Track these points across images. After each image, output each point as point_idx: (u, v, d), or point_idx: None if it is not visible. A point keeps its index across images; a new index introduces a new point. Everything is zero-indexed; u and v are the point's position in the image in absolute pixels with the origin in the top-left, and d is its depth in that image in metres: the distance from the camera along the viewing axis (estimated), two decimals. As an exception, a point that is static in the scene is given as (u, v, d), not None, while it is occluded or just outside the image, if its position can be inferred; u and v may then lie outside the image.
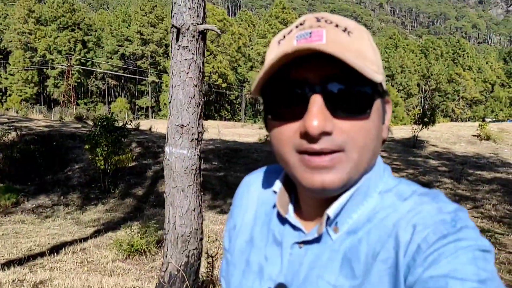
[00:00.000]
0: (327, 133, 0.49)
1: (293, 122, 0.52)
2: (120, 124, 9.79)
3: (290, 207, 0.62)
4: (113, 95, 61.87)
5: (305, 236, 0.59)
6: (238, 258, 0.68)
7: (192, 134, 2.82)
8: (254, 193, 0.71)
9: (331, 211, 0.55)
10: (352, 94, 0.50)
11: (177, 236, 2.87)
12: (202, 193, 3.00)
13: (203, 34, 2.76)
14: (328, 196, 0.55)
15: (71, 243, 6.01)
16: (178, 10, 2.71)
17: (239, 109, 60.31)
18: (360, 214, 0.56)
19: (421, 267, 0.46)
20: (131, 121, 10.55)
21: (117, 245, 5.56)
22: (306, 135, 0.50)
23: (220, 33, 2.78)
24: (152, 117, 53.55)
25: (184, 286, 2.83)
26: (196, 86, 2.77)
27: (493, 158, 13.92)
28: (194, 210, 2.88)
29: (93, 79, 58.45)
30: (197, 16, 2.72)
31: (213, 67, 46.95)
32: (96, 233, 6.82)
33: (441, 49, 67.00)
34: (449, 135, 18.68)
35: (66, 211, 8.60)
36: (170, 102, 2.80)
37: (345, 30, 0.52)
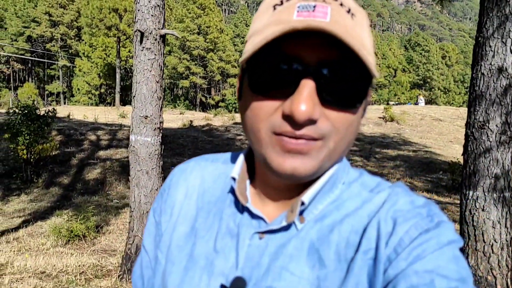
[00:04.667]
0: (312, 121, 0.46)
1: (276, 100, 0.47)
2: (43, 112, 9.47)
3: (249, 195, 0.57)
4: (18, 80, 56.08)
5: (267, 226, 0.54)
6: (177, 254, 0.60)
7: (155, 124, 3.23)
8: (195, 181, 0.65)
9: (306, 197, 0.52)
10: (347, 85, 0.47)
11: (143, 213, 3.29)
12: (162, 174, 3.45)
13: (163, 37, 3.15)
14: (296, 183, 0.53)
15: (1, 233, 5.91)
16: (142, 16, 3.08)
17: (160, 94, 58.64)
18: (326, 204, 0.54)
19: (404, 261, 0.45)
20: (54, 109, 10.15)
21: (56, 232, 5.62)
22: (288, 118, 0.46)
23: (179, 37, 3.21)
24: (65, 103, 49.76)
25: (152, 254, 3.27)
26: (157, 82, 3.17)
27: (396, 138, 15.58)
28: (157, 190, 3.33)
29: (-4, 63, 52.29)
30: (159, 22, 3.10)
31: (129, 51, 44.94)
32: (25, 223, 6.70)
33: (350, 37, 71.82)
34: (358, 117, 20.42)
35: (-14, 203, 8.19)
36: (134, 96, 3.17)
37: (349, 11, 0.48)
